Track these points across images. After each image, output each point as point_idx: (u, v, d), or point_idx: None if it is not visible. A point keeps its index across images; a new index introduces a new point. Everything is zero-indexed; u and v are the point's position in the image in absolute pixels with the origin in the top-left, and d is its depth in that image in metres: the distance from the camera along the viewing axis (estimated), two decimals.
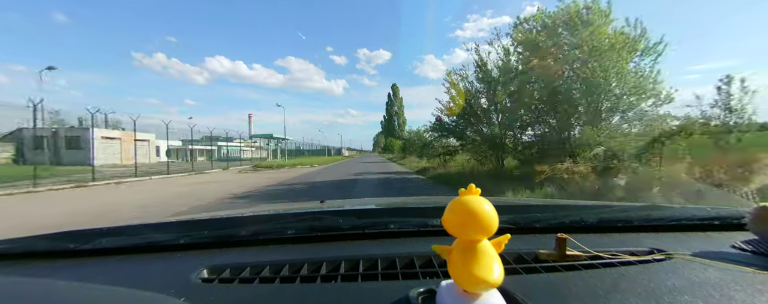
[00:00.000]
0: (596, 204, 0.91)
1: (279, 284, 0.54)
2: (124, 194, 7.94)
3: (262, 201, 6.48)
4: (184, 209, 5.72)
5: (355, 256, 0.63)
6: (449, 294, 0.40)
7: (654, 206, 0.86)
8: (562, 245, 0.58)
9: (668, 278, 0.50)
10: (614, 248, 0.62)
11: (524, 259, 0.59)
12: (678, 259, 0.58)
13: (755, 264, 0.54)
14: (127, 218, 5.08)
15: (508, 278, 0.50)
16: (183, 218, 1.03)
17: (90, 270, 0.63)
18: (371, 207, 1.13)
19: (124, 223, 0.84)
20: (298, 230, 0.76)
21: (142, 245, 0.73)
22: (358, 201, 1.59)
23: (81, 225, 0.81)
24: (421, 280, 0.52)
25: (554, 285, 0.49)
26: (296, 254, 0.67)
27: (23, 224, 4.59)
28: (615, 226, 0.78)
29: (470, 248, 0.39)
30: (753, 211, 0.61)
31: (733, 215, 0.78)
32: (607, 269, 0.55)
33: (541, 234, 0.75)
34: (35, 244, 0.72)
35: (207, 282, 0.55)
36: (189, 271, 0.58)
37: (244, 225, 0.81)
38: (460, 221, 0.38)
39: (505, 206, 0.73)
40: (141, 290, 0.51)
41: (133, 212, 5.50)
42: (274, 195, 7.59)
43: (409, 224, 0.77)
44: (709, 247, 0.64)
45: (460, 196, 0.40)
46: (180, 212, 5.31)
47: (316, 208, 1.12)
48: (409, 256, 0.61)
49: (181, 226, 0.88)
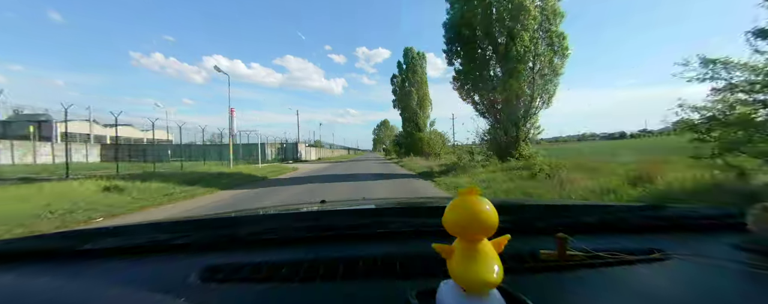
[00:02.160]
0: (596, 204, 0.91)
1: (279, 284, 0.54)
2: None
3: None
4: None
5: (355, 256, 0.63)
6: (449, 294, 0.40)
7: (654, 205, 0.86)
8: (562, 245, 0.58)
9: (668, 278, 0.50)
10: (614, 248, 0.62)
11: (524, 259, 0.59)
12: (678, 259, 0.58)
13: (755, 264, 0.54)
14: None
15: (508, 277, 0.50)
16: (183, 218, 1.04)
17: (90, 270, 0.63)
18: (371, 207, 1.13)
19: (124, 223, 0.84)
20: (298, 230, 0.76)
21: (142, 245, 0.73)
22: (358, 201, 1.59)
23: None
24: (421, 280, 0.52)
25: (554, 285, 0.49)
26: (296, 254, 0.67)
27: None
28: (615, 226, 0.78)
29: (470, 248, 0.39)
30: (753, 211, 0.61)
31: (733, 215, 0.78)
32: (607, 269, 0.55)
33: (541, 234, 0.75)
34: (35, 244, 0.72)
35: (207, 282, 0.55)
36: (189, 271, 0.58)
37: (244, 225, 0.81)
38: (460, 220, 0.38)
39: (505, 206, 0.73)
40: (141, 290, 0.51)
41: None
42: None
43: (409, 224, 0.77)
44: (709, 247, 0.64)
45: (460, 196, 0.40)
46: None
47: (316, 208, 1.12)
48: (409, 256, 0.61)
49: (181, 226, 0.88)
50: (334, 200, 1.52)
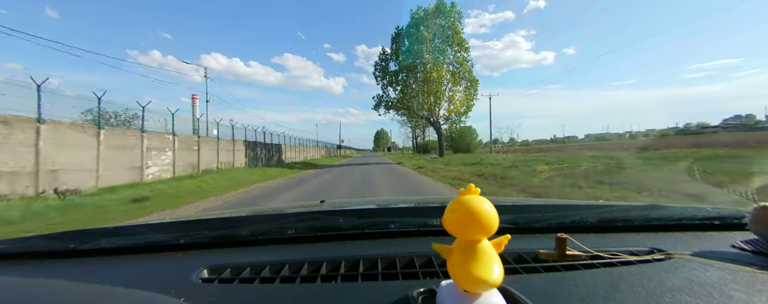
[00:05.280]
0: (596, 204, 0.91)
1: (279, 284, 0.54)
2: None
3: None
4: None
5: (355, 256, 0.63)
6: (449, 294, 0.40)
7: (654, 205, 0.86)
8: (562, 245, 0.58)
9: (668, 278, 0.50)
10: (614, 248, 0.62)
11: (524, 259, 0.59)
12: (678, 259, 0.58)
13: (755, 264, 0.54)
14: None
15: (508, 277, 0.50)
16: (183, 218, 1.04)
17: (90, 270, 0.63)
18: (371, 207, 1.13)
19: (124, 223, 0.84)
20: (298, 230, 0.76)
21: (142, 245, 0.73)
22: (359, 201, 1.59)
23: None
24: (421, 280, 0.52)
25: (554, 285, 0.49)
26: (296, 254, 0.67)
27: None
28: (615, 226, 0.78)
29: (470, 248, 0.39)
30: (753, 211, 0.61)
31: (733, 215, 0.78)
32: (607, 269, 0.55)
33: (541, 234, 0.75)
34: (35, 244, 0.72)
35: (207, 282, 0.55)
36: (189, 271, 0.58)
37: (244, 225, 0.81)
38: (460, 220, 0.38)
39: (505, 206, 0.73)
40: (141, 290, 0.51)
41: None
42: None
43: (409, 224, 0.77)
44: (709, 247, 0.64)
45: (460, 196, 0.40)
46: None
47: (316, 208, 1.12)
48: (409, 256, 0.61)
49: (181, 226, 0.88)
50: (334, 200, 1.52)
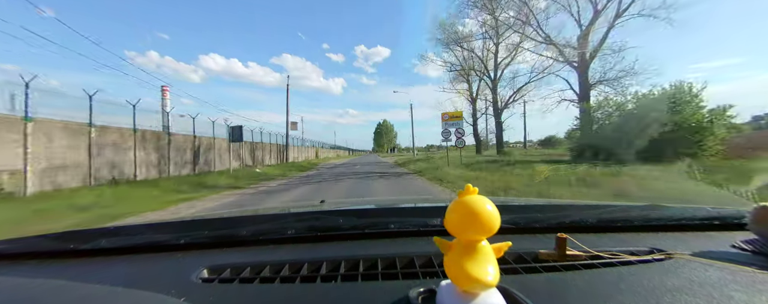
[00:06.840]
0: (596, 204, 0.91)
1: (279, 284, 0.54)
2: None
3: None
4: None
5: (355, 256, 0.63)
6: (449, 294, 0.40)
7: (654, 205, 0.86)
8: (562, 245, 0.58)
9: (668, 278, 0.50)
10: (614, 248, 0.62)
11: (524, 259, 0.59)
12: (678, 259, 0.58)
13: (755, 264, 0.54)
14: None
15: (508, 277, 0.50)
16: (183, 218, 1.04)
17: (90, 270, 0.63)
18: (371, 207, 1.13)
19: (125, 223, 0.84)
20: (298, 230, 0.76)
21: (142, 245, 0.73)
22: (358, 201, 1.59)
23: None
24: (421, 280, 0.52)
25: (554, 285, 0.49)
26: (296, 254, 0.67)
27: None
28: (615, 226, 0.78)
29: (468, 248, 0.39)
30: (753, 211, 0.61)
31: (733, 215, 0.78)
32: (607, 269, 0.55)
33: (541, 234, 0.75)
34: (36, 244, 0.72)
35: (207, 282, 0.55)
36: (189, 271, 0.58)
37: (244, 225, 0.81)
38: (462, 220, 0.38)
39: (505, 206, 0.73)
40: (141, 290, 0.51)
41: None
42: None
43: (409, 224, 0.77)
44: (709, 247, 0.64)
45: (460, 196, 0.40)
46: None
47: (316, 208, 1.12)
48: (409, 256, 0.61)
49: (181, 226, 0.88)
50: (334, 200, 1.52)
